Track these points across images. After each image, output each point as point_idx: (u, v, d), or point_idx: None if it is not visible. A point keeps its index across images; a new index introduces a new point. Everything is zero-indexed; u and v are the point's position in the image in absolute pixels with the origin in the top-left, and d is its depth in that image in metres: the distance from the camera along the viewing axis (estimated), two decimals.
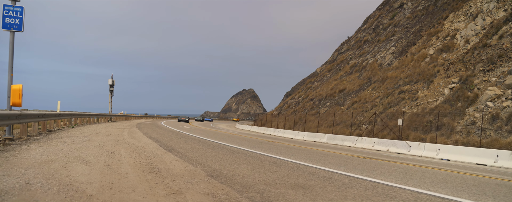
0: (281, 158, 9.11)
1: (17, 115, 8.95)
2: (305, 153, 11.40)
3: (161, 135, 15.04)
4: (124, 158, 6.96)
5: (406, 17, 46.78)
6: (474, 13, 33.74)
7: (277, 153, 10.35)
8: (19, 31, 9.65)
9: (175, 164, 6.65)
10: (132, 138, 12.40)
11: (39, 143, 9.25)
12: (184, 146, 10.40)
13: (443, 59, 32.57)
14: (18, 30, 9.65)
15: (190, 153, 8.50)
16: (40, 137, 11.13)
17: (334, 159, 9.86)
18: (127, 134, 14.79)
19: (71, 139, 10.66)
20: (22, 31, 9.62)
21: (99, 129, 17.48)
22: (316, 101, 46.74)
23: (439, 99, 28.53)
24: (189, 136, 15.99)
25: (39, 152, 7.33)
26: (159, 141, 11.90)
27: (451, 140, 23.47)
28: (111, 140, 10.99)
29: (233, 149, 10.74)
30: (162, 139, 12.95)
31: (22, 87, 9.27)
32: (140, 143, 10.48)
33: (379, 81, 38.20)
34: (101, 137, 12.30)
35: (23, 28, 9.58)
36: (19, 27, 9.63)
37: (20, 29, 9.63)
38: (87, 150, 7.96)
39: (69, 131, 14.90)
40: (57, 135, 12.16)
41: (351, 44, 60.50)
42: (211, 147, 10.76)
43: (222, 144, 12.32)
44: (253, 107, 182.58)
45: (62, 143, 9.32)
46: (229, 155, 8.72)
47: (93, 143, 9.86)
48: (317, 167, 7.57)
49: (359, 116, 34.84)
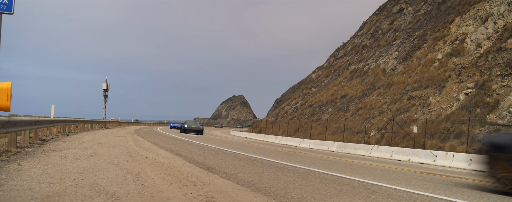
0: (328, 172, 7.48)
1: (5, 122, 6.65)
2: (337, 164, 9.72)
3: (174, 145, 12.81)
4: (162, 186, 4.74)
5: (407, 21, 45.39)
6: (483, 16, 32.28)
7: (319, 167, 8.46)
8: (9, 13, 7.44)
9: (246, 197, 4.47)
10: (145, 150, 10.17)
11: (32, 158, 6.99)
12: (219, 162, 8.22)
13: (453, 64, 30.98)
14: (7, 11, 7.44)
15: (241, 174, 6.29)
16: (32, 149, 8.85)
17: (379, 172, 8.51)
18: (134, 143, 12.54)
19: (73, 152, 8.39)
20: (12, 13, 7.43)
21: (97, 137, 15.18)
22: (317, 107, 44.89)
23: (454, 105, 26.87)
24: (204, 146, 13.80)
25: (36, 175, 5.04)
26: (181, 153, 9.68)
27: (474, 149, 21.74)
28: (122, 153, 8.76)
29: (277, 164, 8.65)
30: (181, 150, 10.74)
31: (10, 86, 6.95)
32: (161, 158, 8.27)
33: (385, 87, 36.49)
34: (107, 148, 10.05)
35: (13, 10, 7.38)
36: (8, 9, 7.41)
37: (9, 10, 7.41)
38: (102, 171, 5.73)
39: (65, 140, 12.59)
40: (53, 146, 9.87)
41: (348, 49, 59.01)
42: (251, 162, 8.64)
43: (257, 158, 10.21)
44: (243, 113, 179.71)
45: (63, 159, 7.07)
46: (290, 176, 6.64)
47: (102, 157, 7.63)
48: (379, 184, 6.22)
49: (367, 123, 32.98)
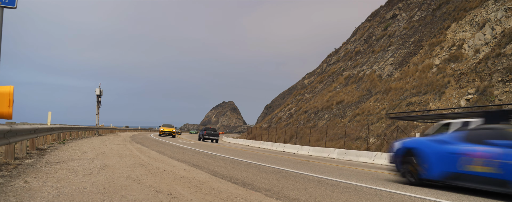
0: (352, 183, 6.40)
1: (6, 131, 5.63)
2: (355, 173, 8.71)
3: (182, 154, 11.85)
4: None
5: (401, 27, 45.16)
6: (480, 22, 32.06)
7: (352, 179, 7.60)
8: (12, 7, 6.49)
9: None
10: (156, 160, 9.20)
11: (38, 172, 6.01)
12: (247, 175, 7.30)
13: (451, 70, 30.61)
14: (10, 5, 6.48)
15: (286, 191, 5.28)
16: (32, 160, 7.85)
17: None
18: (139, 152, 11.56)
19: (80, 165, 7.42)
20: (15, 7, 6.46)
21: (96, 145, 14.14)
22: (312, 113, 44.23)
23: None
24: (213, 155, 12.88)
25: (52, 197, 3.97)
26: (198, 165, 8.71)
27: None
28: (134, 165, 7.81)
29: (310, 177, 7.80)
30: (195, 161, 9.78)
31: (13, 91, 5.94)
32: (180, 171, 7.32)
33: (382, 92, 35.99)
34: (114, 159, 9.08)
35: (16, 4, 6.43)
36: (11, 2, 6.47)
37: (12, 4, 6.45)
38: (126, 190, 4.76)
39: (63, 149, 11.56)
40: (54, 157, 8.86)
41: (341, 55, 58.67)
42: (281, 175, 7.77)
43: (282, 169, 9.34)
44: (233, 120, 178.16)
45: (73, 173, 6.10)
46: (340, 193, 5.81)
47: (116, 171, 6.68)
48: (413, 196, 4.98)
49: (365, 129, 32.35)
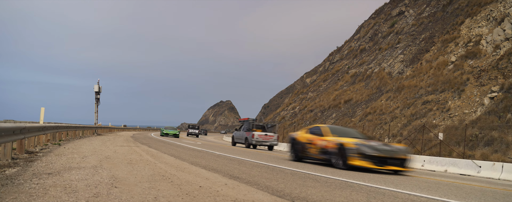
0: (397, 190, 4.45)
1: None
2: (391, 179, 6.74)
3: (202, 159, 9.76)
4: None
5: (410, 24, 43.31)
6: (497, 17, 30.17)
7: (377, 183, 5.62)
8: None
9: None
10: (178, 169, 7.11)
11: (18, 195, 3.99)
12: (311, 192, 5.32)
13: (470, 67, 28.69)
14: None
15: None
16: (15, 170, 5.77)
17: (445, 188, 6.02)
18: (150, 157, 9.47)
19: (81, 178, 5.33)
20: None
21: (97, 147, 12.05)
22: (318, 112, 42.25)
23: (478, 110, 24.49)
24: (239, 160, 10.82)
25: None
26: (238, 176, 6.49)
27: (511, 158, 19.34)
28: (155, 178, 5.73)
29: (351, 184, 5.83)
30: (227, 169, 7.64)
31: None
32: (226, 189, 5.21)
33: (394, 91, 34.07)
34: (123, 167, 7.01)
35: None
36: None
37: None
38: None
39: (58, 152, 9.45)
40: (46, 164, 6.77)
41: (344, 53, 56.79)
42: (332, 186, 5.79)
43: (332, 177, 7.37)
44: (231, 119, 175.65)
45: (72, 196, 4.07)
46: None
47: (133, 190, 4.62)
48: None
49: (378, 129, 30.42)
